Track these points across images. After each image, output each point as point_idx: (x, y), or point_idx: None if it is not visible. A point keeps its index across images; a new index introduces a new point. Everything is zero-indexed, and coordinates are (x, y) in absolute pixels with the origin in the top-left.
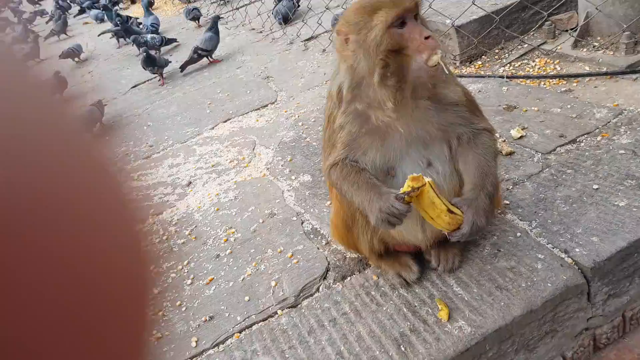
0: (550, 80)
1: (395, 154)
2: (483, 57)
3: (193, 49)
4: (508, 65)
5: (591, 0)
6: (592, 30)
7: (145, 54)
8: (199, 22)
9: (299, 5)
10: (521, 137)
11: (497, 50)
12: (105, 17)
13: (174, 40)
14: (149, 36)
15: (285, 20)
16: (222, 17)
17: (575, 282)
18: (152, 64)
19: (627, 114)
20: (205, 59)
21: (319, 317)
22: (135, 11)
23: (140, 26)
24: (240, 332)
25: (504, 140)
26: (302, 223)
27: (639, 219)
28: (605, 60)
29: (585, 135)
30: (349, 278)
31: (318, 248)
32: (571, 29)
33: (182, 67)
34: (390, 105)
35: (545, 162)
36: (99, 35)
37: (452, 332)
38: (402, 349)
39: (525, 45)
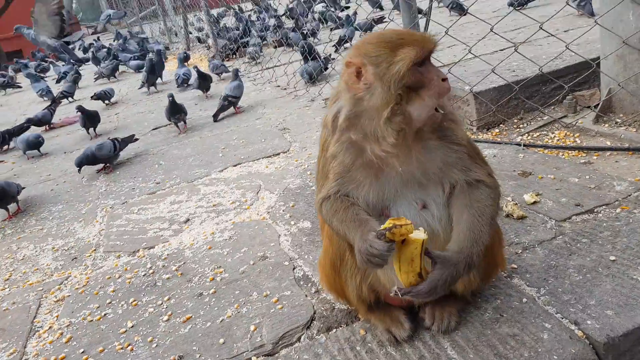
0: (569, 152)
1: (390, 192)
2: (501, 125)
3: (223, 97)
4: (526, 135)
5: (614, 77)
6: (615, 107)
7: (170, 99)
8: (220, 76)
9: (326, 68)
10: (535, 202)
11: (515, 120)
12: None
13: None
14: (182, 71)
15: (311, 78)
16: (242, 74)
17: (585, 358)
18: (177, 111)
19: None
20: (232, 108)
21: None
22: (173, 66)
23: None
24: None
25: (516, 204)
26: (293, 269)
27: None
28: (628, 137)
29: (604, 207)
30: (334, 330)
31: (306, 295)
32: (593, 106)
33: (215, 116)
34: (392, 141)
35: (559, 230)
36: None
37: None
38: None
39: (545, 117)
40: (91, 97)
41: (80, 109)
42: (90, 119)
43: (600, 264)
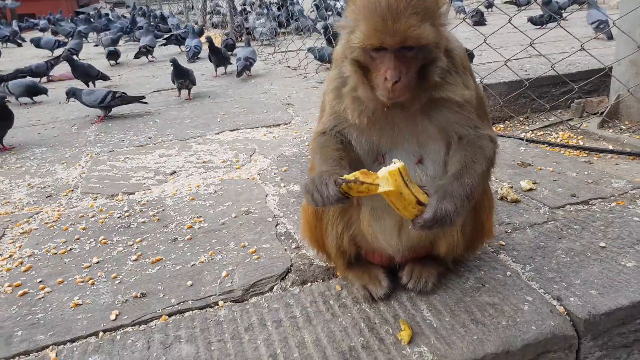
0: (570, 151)
1: (385, 140)
2: (506, 122)
3: (244, 57)
4: (530, 132)
5: (625, 82)
6: (621, 113)
7: (174, 62)
8: (232, 52)
9: None
10: (530, 189)
11: (521, 119)
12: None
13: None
14: (193, 42)
15: (322, 60)
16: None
17: (563, 332)
18: (181, 75)
19: None
20: (248, 71)
21: (263, 316)
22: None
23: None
24: (169, 315)
25: (511, 187)
26: (276, 225)
27: None
28: (631, 142)
29: (599, 200)
30: (309, 284)
31: (285, 249)
32: (600, 113)
33: (239, 74)
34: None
35: (551, 215)
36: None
37: (409, 356)
38: None
39: (551, 119)
40: (106, 55)
41: (66, 58)
42: (80, 72)
43: (589, 249)
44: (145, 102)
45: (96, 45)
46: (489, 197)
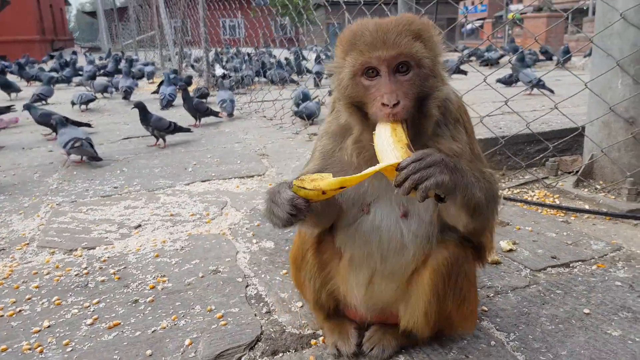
0: (548, 210)
1: (372, 189)
2: None
3: (229, 99)
4: (507, 189)
5: (598, 142)
6: (595, 173)
7: (140, 106)
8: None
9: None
10: (510, 250)
11: (497, 176)
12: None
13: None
14: (167, 90)
15: (301, 116)
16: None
17: None
18: (147, 120)
19: (625, 251)
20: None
21: None
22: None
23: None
24: None
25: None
26: (246, 286)
27: (634, 353)
28: (606, 203)
29: (580, 262)
30: (280, 354)
31: (255, 315)
32: (575, 171)
33: (231, 114)
34: (362, 161)
35: (533, 279)
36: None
37: None
38: None
39: (527, 177)
40: (72, 102)
41: (26, 106)
42: (41, 119)
43: (573, 316)
44: (99, 159)
45: (78, 85)
46: (461, 289)
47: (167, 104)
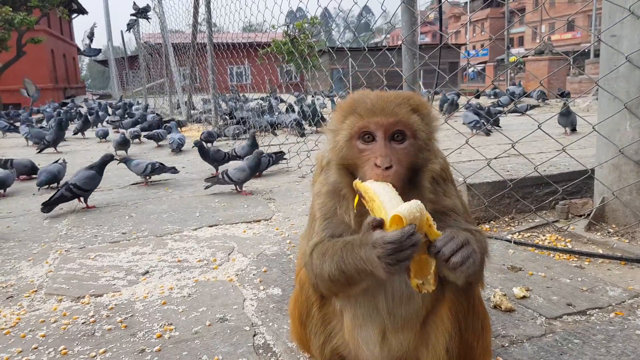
0: (560, 255)
1: None
2: (492, 222)
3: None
4: (517, 234)
5: (608, 185)
6: (607, 217)
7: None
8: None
9: None
10: (524, 297)
11: (506, 219)
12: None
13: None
14: (176, 136)
15: None
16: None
17: None
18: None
19: None
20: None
21: None
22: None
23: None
24: None
25: (505, 295)
26: (254, 335)
27: None
28: (620, 247)
29: (597, 310)
30: None
31: None
32: (586, 214)
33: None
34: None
35: (549, 327)
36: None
37: None
38: None
39: (537, 220)
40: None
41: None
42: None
43: None
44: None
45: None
46: (479, 315)
47: (178, 146)
